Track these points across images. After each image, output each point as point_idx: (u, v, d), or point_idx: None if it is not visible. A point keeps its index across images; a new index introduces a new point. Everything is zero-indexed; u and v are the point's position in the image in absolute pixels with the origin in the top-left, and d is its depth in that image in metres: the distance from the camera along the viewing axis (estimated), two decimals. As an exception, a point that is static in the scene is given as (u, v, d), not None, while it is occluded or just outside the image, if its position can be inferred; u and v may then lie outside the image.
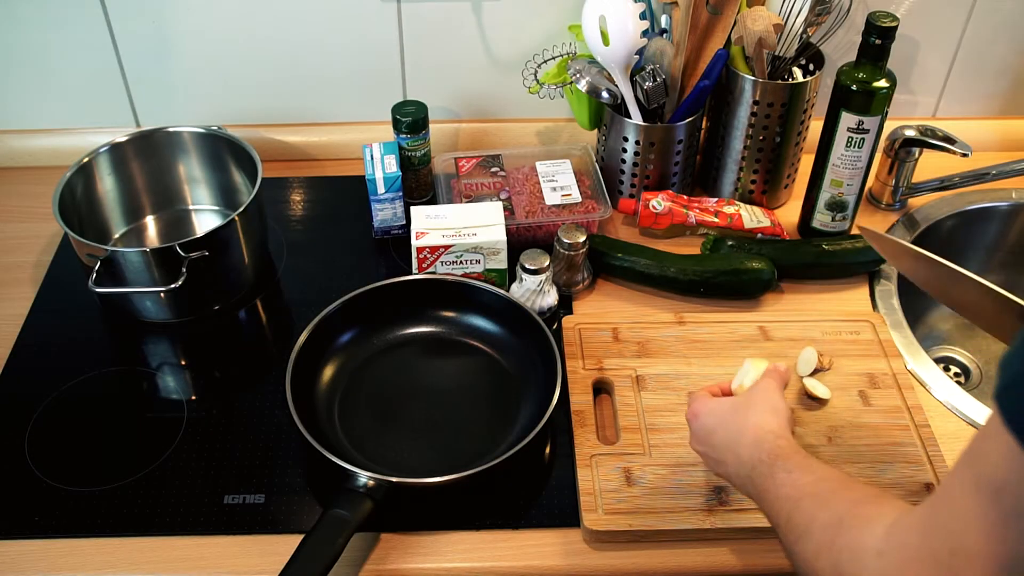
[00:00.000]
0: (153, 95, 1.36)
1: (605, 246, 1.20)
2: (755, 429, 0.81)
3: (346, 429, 1.02)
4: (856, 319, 1.14)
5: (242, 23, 1.29)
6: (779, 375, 0.89)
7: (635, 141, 1.23)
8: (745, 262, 1.17)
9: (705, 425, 0.86)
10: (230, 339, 1.16)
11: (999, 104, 1.42)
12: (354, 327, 1.11)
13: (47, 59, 1.31)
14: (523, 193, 1.25)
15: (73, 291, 1.18)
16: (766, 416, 0.82)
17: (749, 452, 0.80)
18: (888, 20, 1.08)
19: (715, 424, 0.85)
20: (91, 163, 1.20)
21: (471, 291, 1.12)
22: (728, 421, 0.84)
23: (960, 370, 1.32)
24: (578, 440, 0.99)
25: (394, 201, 1.23)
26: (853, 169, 1.18)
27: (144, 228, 1.29)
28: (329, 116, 1.40)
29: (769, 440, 0.80)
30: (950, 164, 1.28)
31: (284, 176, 1.38)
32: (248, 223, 1.15)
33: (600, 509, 0.92)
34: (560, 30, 1.30)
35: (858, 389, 1.05)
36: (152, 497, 0.97)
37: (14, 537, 0.93)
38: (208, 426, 1.04)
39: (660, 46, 1.20)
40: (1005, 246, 1.36)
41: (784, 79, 1.23)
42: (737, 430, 0.83)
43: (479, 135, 1.41)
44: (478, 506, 0.96)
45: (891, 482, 0.95)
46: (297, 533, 0.89)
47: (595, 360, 1.07)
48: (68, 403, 1.06)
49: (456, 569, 0.92)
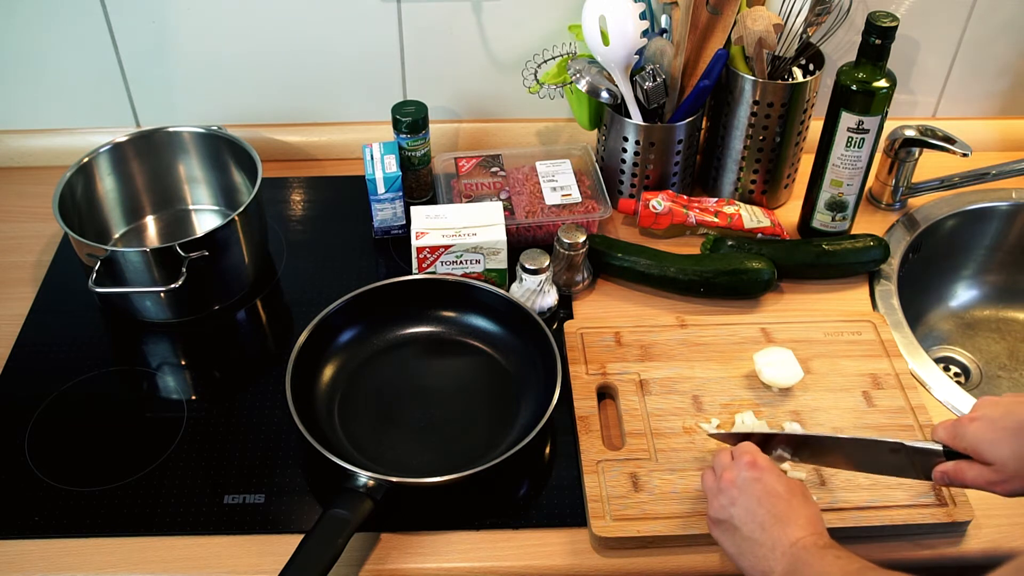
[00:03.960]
0: (153, 95, 1.36)
1: (605, 246, 1.20)
2: (809, 514, 0.81)
3: (346, 429, 1.02)
4: (857, 319, 1.14)
5: (242, 23, 1.29)
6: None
7: (635, 141, 1.23)
8: (745, 262, 1.17)
9: (768, 487, 0.83)
10: (230, 339, 1.16)
11: (999, 104, 1.42)
12: (354, 327, 1.11)
13: (47, 59, 1.31)
14: (523, 193, 1.25)
15: (73, 291, 1.18)
16: (814, 509, 0.83)
17: (798, 532, 0.79)
18: (888, 20, 1.08)
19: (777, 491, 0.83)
20: (91, 163, 1.20)
21: (471, 291, 1.12)
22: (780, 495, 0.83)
23: (960, 370, 1.32)
24: (584, 446, 0.99)
25: (394, 201, 1.23)
26: (853, 169, 1.18)
27: (144, 228, 1.29)
28: (329, 116, 1.40)
29: (821, 527, 0.80)
30: (950, 164, 1.28)
31: (284, 176, 1.38)
32: (248, 223, 1.15)
33: (608, 516, 0.92)
34: (560, 30, 1.30)
35: (861, 390, 1.05)
36: (152, 497, 0.97)
37: (14, 537, 0.93)
38: (208, 426, 1.04)
39: (660, 46, 1.20)
40: (1005, 246, 1.36)
41: (784, 79, 1.23)
42: (789, 506, 0.82)
43: (479, 135, 1.41)
44: (478, 506, 0.96)
45: (896, 482, 0.95)
46: (297, 533, 0.89)
47: (598, 365, 1.07)
48: (68, 403, 1.06)
49: (456, 569, 0.92)
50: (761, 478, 0.83)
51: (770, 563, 0.78)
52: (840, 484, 0.95)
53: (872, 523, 0.92)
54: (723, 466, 0.87)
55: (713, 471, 0.88)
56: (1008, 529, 0.94)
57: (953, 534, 0.94)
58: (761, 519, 0.81)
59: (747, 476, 0.83)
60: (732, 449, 0.88)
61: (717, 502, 0.85)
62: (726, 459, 0.87)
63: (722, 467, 0.87)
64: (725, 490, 0.84)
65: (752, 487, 0.83)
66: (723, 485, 0.85)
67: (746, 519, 0.82)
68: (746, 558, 0.81)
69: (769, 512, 0.81)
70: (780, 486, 0.82)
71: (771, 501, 0.81)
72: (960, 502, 0.94)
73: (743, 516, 0.82)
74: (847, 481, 0.95)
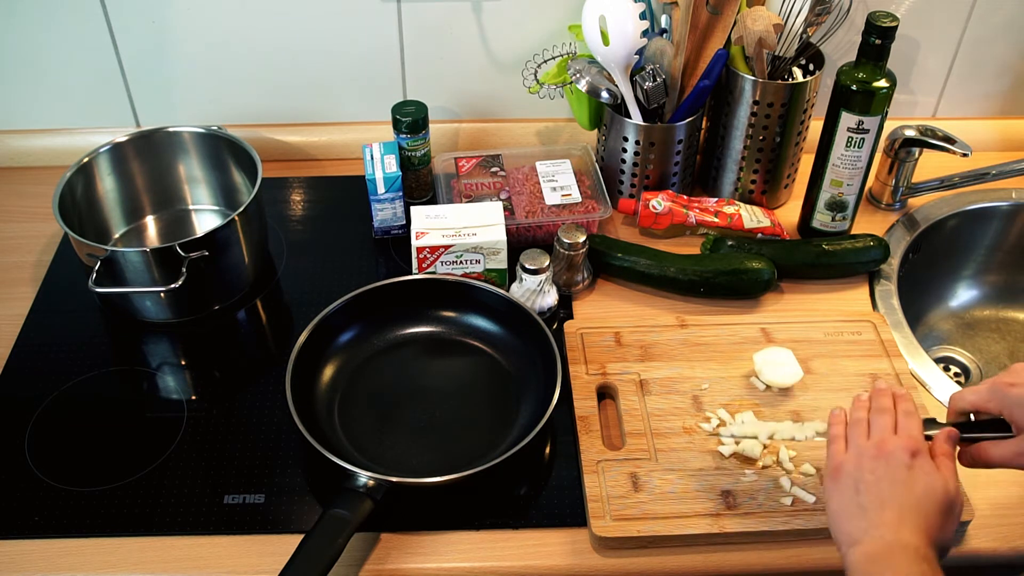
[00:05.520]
0: (153, 95, 1.36)
1: (605, 246, 1.20)
2: (933, 526, 0.78)
3: (346, 429, 1.02)
4: (857, 319, 1.14)
5: (242, 23, 1.29)
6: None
7: (635, 141, 1.23)
8: (745, 262, 1.17)
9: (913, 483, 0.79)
10: (230, 339, 1.16)
11: (999, 104, 1.42)
12: (354, 327, 1.11)
13: (47, 59, 1.31)
14: (523, 193, 1.25)
15: (73, 291, 1.18)
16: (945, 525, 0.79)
17: (908, 535, 0.76)
18: (888, 20, 1.08)
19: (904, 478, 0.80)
20: (91, 163, 1.20)
21: (471, 291, 1.12)
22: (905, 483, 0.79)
23: (960, 370, 1.32)
24: (584, 446, 0.99)
25: (394, 201, 1.23)
26: (853, 169, 1.18)
27: (144, 228, 1.29)
28: (329, 116, 1.40)
29: (936, 545, 0.77)
30: (950, 164, 1.28)
31: (284, 176, 1.38)
32: (248, 223, 1.15)
33: (608, 516, 0.92)
34: (560, 30, 1.30)
35: (861, 390, 1.05)
36: (152, 497, 0.97)
37: (14, 537, 0.93)
38: (208, 426, 1.04)
39: (660, 46, 1.20)
40: (1005, 246, 1.36)
41: (784, 79, 1.23)
42: (919, 509, 0.78)
43: (479, 135, 1.41)
44: (478, 506, 0.96)
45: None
46: (297, 533, 0.89)
47: (598, 365, 1.07)
48: (68, 403, 1.06)
49: (456, 569, 0.92)
50: (913, 469, 0.79)
51: (863, 537, 0.76)
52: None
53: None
54: (884, 429, 0.83)
55: (867, 424, 0.84)
56: (1009, 529, 0.94)
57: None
58: (885, 500, 0.78)
59: (902, 460, 0.79)
60: (901, 423, 0.84)
61: (856, 459, 0.81)
62: (888, 423, 0.83)
63: (882, 429, 0.83)
64: (873, 456, 0.81)
65: (898, 472, 0.79)
66: (875, 450, 0.81)
67: (873, 491, 0.78)
68: (843, 519, 0.78)
69: (898, 502, 0.77)
70: (926, 489, 0.78)
71: (908, 495, 0.78)
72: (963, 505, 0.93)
73: (872, 487, 0.79)
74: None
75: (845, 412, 0.87)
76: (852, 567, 0.76)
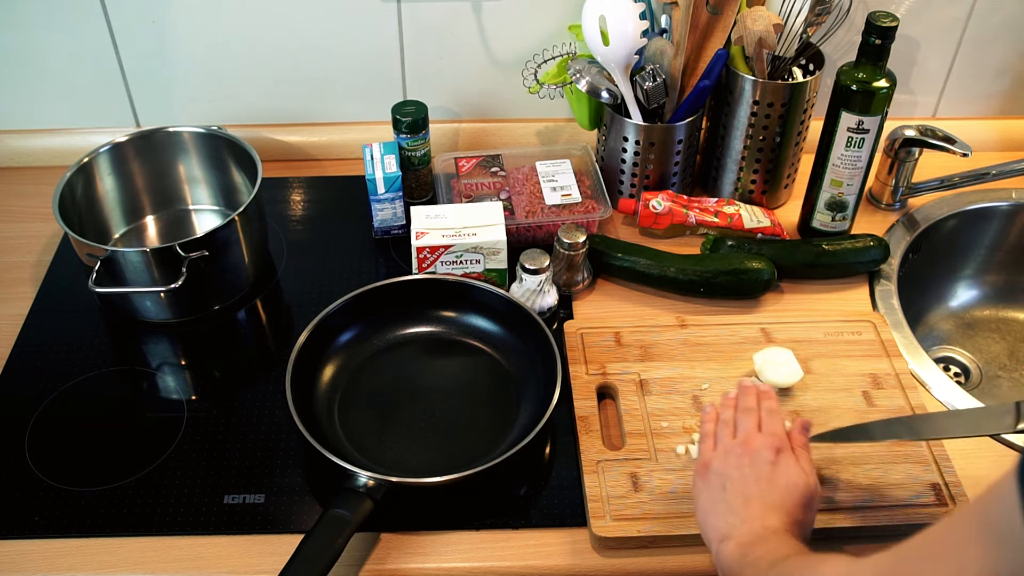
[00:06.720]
0: (153, 95, 1.36)
1: (605, 246, 1.20)
2: (801, 520, 0.81)
3: (346, 429, 1.02)
4: (857, 319, 1.14)
5: (242, 23, 1.29)
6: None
7: (635, 141, 1.23)
8: (745, 262, 1.17)
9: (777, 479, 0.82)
10: (230, 339, 1.16)
11: (999, 104, 1.42)
12: (354, 327, 1.11)
13: (47, 59, 1.31)
14: (523, 193, 1.25)
15: (73, 291, 1.18)
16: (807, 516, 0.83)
17: (776, 522, 0.80)
18: (888, 20, 1.08)
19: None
20: (91, 163, 1.20)
21: (471, 291, 1.12)
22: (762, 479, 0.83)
23: (960, 370, 1.32)
24: (584, 446, 0.99)
25: (394, 201, 1.23)
26: (853, 169, 1.18)
27: (144, 228, 1.29)
28: (329, 116, 1.40)
29: (803, 531, 0.81)
30: (950, 164, 1.28)
31: (284, 176, 1.38)
32: (248, 223, 1.15)
33: (608, 516, 0.92)
34: (560, 30, 1.30)
35: (861, 390, 1.05)
36: (152, 497, 0.97)
37: (14, 537, 0.93)
38: (208, 426, 1.04)
39: (660, 46, 1.20)
40: (1005, 246, 1.36)
41: (784, 79, 1.23)
42: (785, 503, 0.81)
43: (479, 135, 1.41)
44: (478, 506, 0.96)
45: (896, 482, 0.95)
46: (297, 533, 0.89)
47: (598, 365, 1.07)
48: (68, 403, 1.06)
49: (456, 569, 0.92)
50: (777, 465, 0.82)
51: (732, 531, 0.79)
52: (840, 484, 0.95)
53: (872, 523, 0.92)
54: (749, 429, 0.86)
55: (734, 426, 0.87)
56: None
57: (953, 534, 0.94)
58: (751, 496, 0.81)
59: (767, 457, 0.83)
60: (764, 421, 0.87)
61: (723, 457, 0.84)
62: (753, 422, 0.87)
63: (748, 430, 0.86)
64: (740, 454, 0.84)
65: (763, 468, 0.82)
66: (740, 448, 0.84)
67: (738, 489, 0.82)
68: (712, 515, 0.82)
69: (763, 496, 0.81)
70: (788, 484, 0.82)
71: (772, 490, 0.81)
72: (960, 501, 0.94)
73: (737, 484, 0.82)
74: (847, 481, 0.95)
75: (717, 409, 0.90)
76: (725, 561, 0.78)
